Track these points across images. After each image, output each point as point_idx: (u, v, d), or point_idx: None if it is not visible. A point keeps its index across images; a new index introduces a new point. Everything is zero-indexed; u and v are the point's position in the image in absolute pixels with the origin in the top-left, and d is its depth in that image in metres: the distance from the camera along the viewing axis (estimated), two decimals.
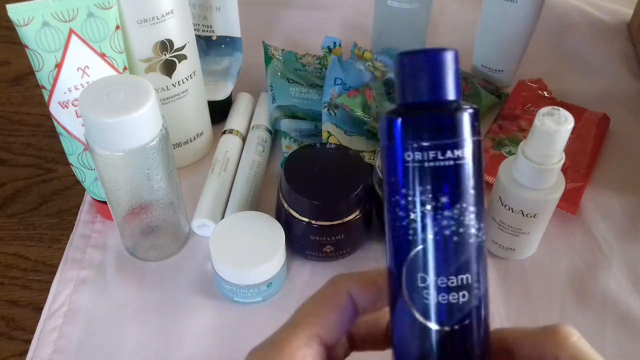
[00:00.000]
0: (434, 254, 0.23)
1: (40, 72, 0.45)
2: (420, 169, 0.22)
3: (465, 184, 0.22)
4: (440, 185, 0.22)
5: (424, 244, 0.23)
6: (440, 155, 0.22)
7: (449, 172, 0.22)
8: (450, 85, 0.23)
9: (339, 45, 0.67)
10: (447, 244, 0.23)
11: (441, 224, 0.22)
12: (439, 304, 0.23)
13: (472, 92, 0.65)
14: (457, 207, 0.22)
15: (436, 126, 0.22)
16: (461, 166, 0.22)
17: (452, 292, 0.23)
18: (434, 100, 0.22)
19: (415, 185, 0.22)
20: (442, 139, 0.22)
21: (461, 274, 0.23)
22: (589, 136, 0.60)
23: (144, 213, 0.48)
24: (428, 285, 0.23)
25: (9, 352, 0.49)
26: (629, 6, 0.79)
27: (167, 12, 0.49)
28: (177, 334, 0.47)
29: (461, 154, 0.22)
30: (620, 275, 0.51)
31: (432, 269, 0.23)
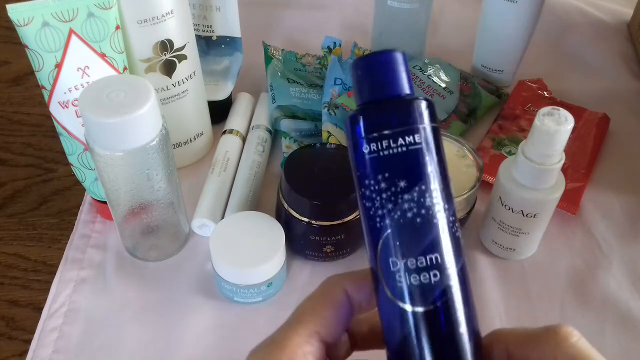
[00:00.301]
0: (399, 237, 0.24)
1: (40, 72, 0.45)
2: (377, 159, 0.24)
3: (422, 167, 0.24)
4: (396, 171, 0.23)
5: (390, 229, 0.24)
6: (393, 142, 0.23)
7: (403, 157, 0.24)
8: (401, 80, 0.25)
9: (339, 45, 0.67)
10: (411, 226, 0.23)
11: (403, 207, 0.23)
12: (412, 285, 0.24)
13: (472, 92, 0.65)
14: (416, 189, 0.23)
15: (387, 116, 0.24)
16: (415, 151, 0.24)
17: (423, 273, 0.23)
18: (386, 95, 0.24)
19: (377, 174, 0.24)
20: (393, 127, 0.24)
21: (430, 254, 0.23)
22: (589, 136, 0.60)
23: (144, 213, 0.48)
24: (399, 269, 0.24)
25: (9, 352, 0.49)
26: (629, 6, 0.79)
27: (167, 12, 0.49)
28: (177, 334, 0.47)
29: (413, 139, 0.24)
30: (620, 275, 0.51)
31: (401, 251, 0.24)
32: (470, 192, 0.47)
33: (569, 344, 0.24)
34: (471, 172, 0.49)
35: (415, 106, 0.24)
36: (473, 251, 0.52)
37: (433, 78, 0.64)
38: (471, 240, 0.53)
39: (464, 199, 0.47)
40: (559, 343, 0.24)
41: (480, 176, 0.48)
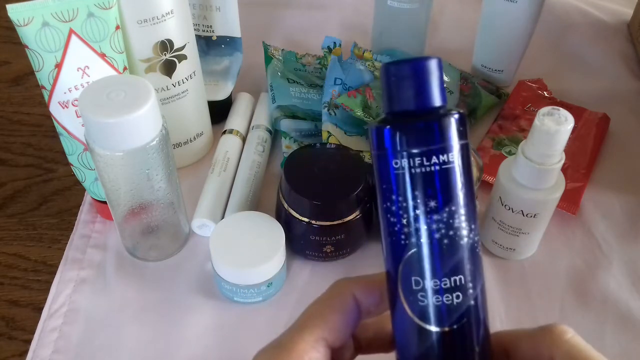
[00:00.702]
0: (426, 257, 0.23)
1: (40, 72, 0.45)
2: (409, 175, 0.23)
3: (453, 187, 0.23)
4: (429, 190, 0.23)
5: (416, 248, 0.23)
6: (427, 161, 0.23)
7: (436, 176, 0.23)
8: (435, 92, 0.23)
9: (339, 45, 0.67)
10: (438, 247, 0.23)
11: (432, 227, 0.23)
12: (434, 305, 0.23)
13: (472, 92, 0.65)
14: (447, 210, 0.23)
15: (422, 133, 0.23)
16: (448, 170, 0.23)
17: (447, 294, 0.23)
18: (420, 108, 0.23)
19: (406, 191, 0.23)
20: (428, 145, 0.23)
21: (454, 276, 0.23)
22: (589, 136, 0.60)
23: (144, 213, 0.48)
24: (423, 288, 0.23)
25: (8, 352, 0.49)
26: (629, 6, 0.79)
27: (167, 12, 0.49)
28: (177, 334, 0.47)
29: (447, 158, 0.23)
30: (620, 275, 0.51)
31: (426, 271, 0.23)
32: None
33: (564, 340, 0.24)
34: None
35: (452, 122, 0.23)
36: None
37: None
38: None
39: None
40: (555, 340, 0.24)
41: (480, 176, 0.48)
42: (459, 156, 0.23)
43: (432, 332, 0.23)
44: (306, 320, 0.26)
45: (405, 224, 0.23)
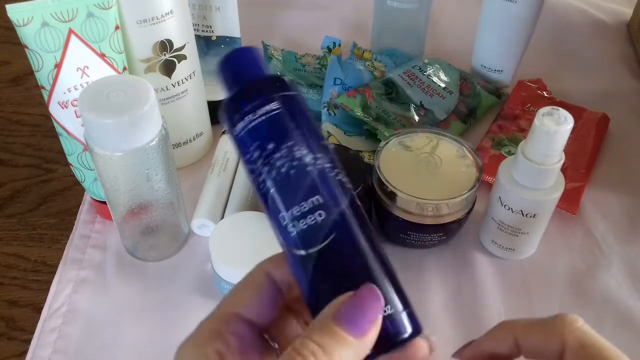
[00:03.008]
0: (280, 192, 0.26)
1: (39, 72, 0.45)
2: (246, 133, 0.27)
3: (284, 128, 0.26)
4: (263, 137, 0.26)
5: (272, 188, 0.26)
6: (253, 116, 0.26)
7: (265, 124, 0.26)
8: (249, 68, 0.28)
9: (338, 45, 0.67)
10: (287, 180, 0.26)
11: (275, 166, 0.26)
12: (302, 230, 0.25)
13: (471, 92, 0.65)
14: (284, 147, 0.26)
15: (242, 98, 0.27)
16: (275, 116, 0.26)
17: (309, 216, 0.25)
18: (241, 83, 0.28)
19: (249, 147, 0.26)
20: (249, 103, 0.27)
21: (311, 197, 0.25)
22: (588, 136, 0.60)
23: (144, 213, 0.48)
24: (288, 220, 0.25)
25: (8, 353, 0.49)
26: (628, 6, 0.79)
27: (167, 12, 0.49)
28: (177, 334, 0.46)
29: (269, 108, 0.26)
30: (620, 275, 0.51)
31: (284, 204, 0.26)
32: (470, 192, 0.47)
33: (575, 327, 0.25)
34: (471, 172, 0.49)
35: (265, 81, 0.27)
36: (473, 251, 0.52)
37: (433, 78, 0.64)
38: (471, 240, 0.53)
39: (463, 199, 0.47)
40: (567, 327, 0.25)
41: (479, 176, 0.48)
42: (283, 104, 0.26)
43: (310, 255, 0.25)
44: (221, 301, 0.28)
45: (258, 173, 0.26)
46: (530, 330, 0.26)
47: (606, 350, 0.24)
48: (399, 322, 0.24)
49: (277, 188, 0.26)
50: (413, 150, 0.50)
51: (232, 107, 0.27)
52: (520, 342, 0.26)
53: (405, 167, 0.49)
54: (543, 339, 0.25)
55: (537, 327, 0.26)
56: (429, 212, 0.47)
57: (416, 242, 0.50)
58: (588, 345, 0.24)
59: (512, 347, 0.27)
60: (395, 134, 0.51)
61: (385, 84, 0.62)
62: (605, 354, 0.24)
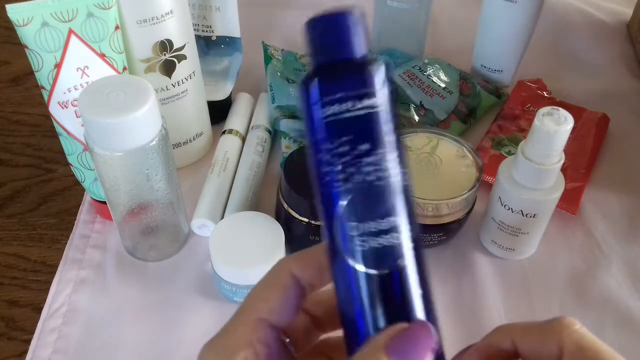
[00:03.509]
0: (360, 201, 0.23)
1: (39, 72, 0.45)
2: (337, 122, 0.23)
3: (382, 131, 0.23)
4: (358, 134, 0.23)
5: (352, 192, 0.23)
6: (355, 105, 0.23)
7: (366, 120, 0.23)
8: (358, 42, 0.23)
9: None
10: (372, 189, 0.23)
11: (364, 170, 0.23)
12: (373, 248, 0.23)
13: (471, 92, 0.65)
14: (378, 152, 0.23)
15: (347, 79, 0.23)
16: (376, 114, 0.23)
17: (385, 235, 0.23)
18: (344, 58, 0.23)
19: (336, 138, 0.23)
20: (355, 89, 0.23)
21: (390, 216, 0.23)
22: (588, 136, 0.60)
23: (144, 213, 0.48)
24: (360, 232, 0.23)
25: (8, 353, 0.49)
26: (628, 6, 0.79)
27: (167, 12, 0.49)
28: (177, 334, 0.47)
29: (375, 102, 0.23)
30: (620, 275, 0.51)
31: (362, 215, 0.23)
32: (470, 192, 0.47)
33: (573, 330, 0.25)
34: (471, 172, 0.49)
35: (376, 68, 0.23)
36: (473, 251, 0.52)
37: (432, 78, 0.64)
38: (471, 240, 0.53)
39: (463, 199, 0.47)
40: (564, 330, 0.25)
41: (479, 176, 0.48)
42: (385, 102, 0.23)
43: (374, 275, 0.23)
44: (246, 304, 0.26)
45: (339, 170, 0.23)
46: (528, 334, 0.26)
47: (604, 352, 0.24)
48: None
49: (358, 194, 0.23)
50: (413, 150, 0.50)
51: (333, 82, 0.23)
52: (518, 345, 0.26)
53: None
54: (541, 342, 0.25)
55: (534, 330, 0.26)
56: (429, 212, 0.47)
57: None
58: (585, 348, 0.24)
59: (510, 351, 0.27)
60: None
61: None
62: (603, 356, 0.24)
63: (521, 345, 0.26)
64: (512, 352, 0.27)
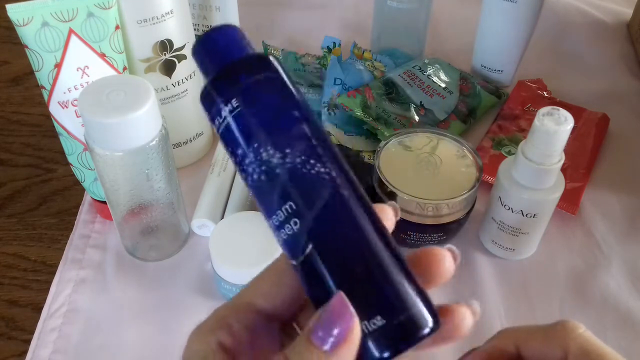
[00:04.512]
0: (259, 199, 0.24)
1: (39, 72, 0.45)
2: (221, 135, 0.24)
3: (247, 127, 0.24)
4: (231, 140, 0.24)
5: (254, 194, 0.24)
6: (219, 119, 0.24)
7: (229, 126, 0.24)
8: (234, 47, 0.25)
9: (338, 45, 0.67)
10: (260, 185, 0.23)
11: (248, 171, 0.24)
12: (284, 240, 0.23)
13: (471, 92, 0.65)
14: (250, 150, 0.23)
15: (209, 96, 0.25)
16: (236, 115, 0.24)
17: (286, 225, 0.23)
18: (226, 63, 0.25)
19: (228, 149, 0.24)
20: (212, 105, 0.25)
21: (284, 205, 0.23)
22: (588, 136, 0.60)
23: (144, 213, 0.48)
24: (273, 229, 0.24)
25: (8, 352, 0.49)
26: (628, 6, 0.79)
27: (167, 12, 0.49)
28: (177, 334, 0.47)
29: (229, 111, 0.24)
30: (620, 275, 0.51)
31: (266, 212, 0.24)
32: (470, 192, 0.47)
33: (577, 334, 0.25)
34: (471, 172, 0.49)
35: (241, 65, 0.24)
36: (473, 251, 0.52)
37: (433, 78, 0.64)
38: (471, 240, 0.53)
39: (463, 199, 0.47)
40: (569, 334, 0.25)
41: (479, 176, 0.48)
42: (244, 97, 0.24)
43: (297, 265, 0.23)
44: (241, 290, 0.26)
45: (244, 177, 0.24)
46: (532, 338, 0.26)
47: (608, 356, 0.24)
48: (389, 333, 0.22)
49: (256, 195, 0.24)
50: (413, 150, 0.50)
51: (205, 104, 0.26)
52: (522, 349, 0.26)
53: (405, 167, 0.49)
54: (545, 346, 0.25)
55: (538, 334, 0.26)
56: (429, 212, 0.47)
57: (416, 242, 0.50)
58: (590, 352, 0.24)
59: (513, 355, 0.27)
60: (395, 134, 0.51)
61: (385, 84, 0.62)
62: (607, 359, 0.24)
63: (525, 349, 0.26)
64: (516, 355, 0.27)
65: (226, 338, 0.24)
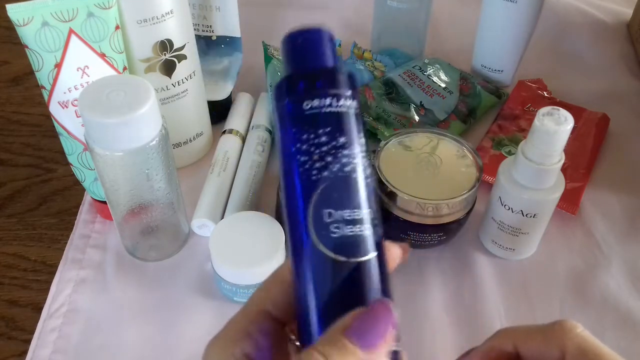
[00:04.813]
0: (338, 187, 0.24)
1: (40, 72, 0.45)
2: (323, 114, 0.25)
3: (357, 129, 0.25)
4: (338, 127, 0.25)
5: (329, 181, 0.24)
6: (335, 102, 0.25)
7: (345, 116, 0.25)
8: (330, 54, 0.26)
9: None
10: (349, 179, 0.24)
11: (342, 161, 0.24)
12: (347, 236, 0.24)
13: (471, 92, 0.65)
14: (354, 146, 0.25)
15: (329, 78, 0.25)
16: (352, 115, 0.25)
17: (358, 225, 0.24)
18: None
19: (317, 128, 0.24)
20: (336, 87, 0.25)
21: (366, 209, 0.24)
22: (588, 136, 0.60)
23: (144, 213, 0.48)
24: (336, 219, 0.24)
25: (8, 352, 0.49)
26: (629, 6, 0.79)
27: (167, 12, 0.49)
28: (177, 334, 0.47)
29: (351, 104, 0.25)
30: (620, 275, 0.51)
31: (339, 201, 0.24)
32: (470, 192, 0.47)
33: (575, 334, 0.25)
34: (471, 172, 0.49)
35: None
36: (473, 251, 0.52)
37: (433, 78, 0.64)
38: (471, 240, 0.53)
39: (463, 199, 0.47)
40: (566, 333, 0.25)
41: (480, 176, 0.48)
42: (356, 105, 0.25)
43: (343, 263, 0.24)
44: (250, 298, 0.27)
45: (317, 159, 0.24)
46: (530, 337, 0.26)
47: (605, 356, 0.24)
48: None
49: (335, 182, 0.24)
50: (413, 150, 0.50)
51: (316, 81, 0.25)
52: (520, 348, 0.26)
53: (405, 167, 0.49)
54: (543, 345, 0.26)
55: (536, 334, 0.26)
56: (429, 212, 0.47)
57: (416, 242, 0.50)
58: (587, 351, 0.25)
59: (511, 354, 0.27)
60: (395, 134, 0.51)
61: (385, 83, 0.62)
62: (604, 359, 0.24)
63: (523, 349, 0.26)
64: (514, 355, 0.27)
65: (250, 348, 0.24)
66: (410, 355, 0.47)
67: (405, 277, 0.50)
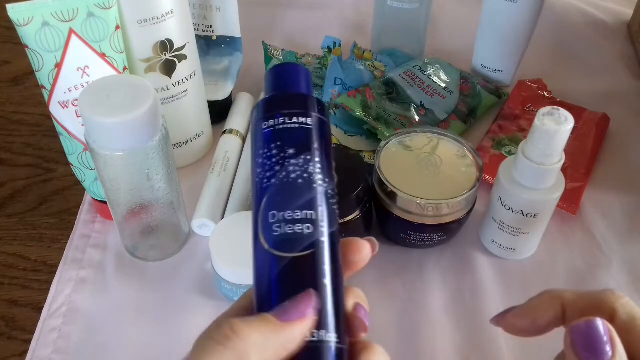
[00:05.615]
0: (281, 193, 0.27)
1: (40, 72, 0.45)
2: (272, 131, 0.28)
3: (308, 142, 0.28)
4: (287, 141, 0.28)
5: (275, 186, 0.27)
6: (287, 120, 0.28)
7: (293, 131, 0.28)
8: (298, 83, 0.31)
9: (339, 45, 0.67)
10: (292, 185, 0.27)
11: (288, 169, 0.27)
12: (286, 234, 0.26)
13: (472, 92, 0.65)
14: (302, 157, 0.28)
15: (283, 101, 0.29)
16: (305, 129, 0.28)
17: (297, 224, 0.26)
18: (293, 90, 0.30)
19: (271, 144, 0.28)
20: (287, 109, 0.29)
21: (305, 210, 0.27)
22: (589, 136, 0.60)
23: (144, 213, 0.48)
24: (277, 219, 0.26)
25: (8, 352, 0.49)
26: (629, 6, 0.79)
27: (167, 12, 0.49)
28: (177, 334, 0.47)
29: (304, 121, 0.28)
30: (620, 275, 0.51)
31: (281, 205, 0.27)
32: (470, 192, 0.47)
33: (626, 300, 0.27)
34: (471, 172, 0.49)
35: (309, 100, 0.29)
36: (473, 251, 0.52)
37: (433, 78, 0.64)
38: (471, 240, 0.53)
39: (464, 199, 0.47)
40: (617, 299, 0.27)
41: (480, 176, 0.48)
42: (314, 122, 0.29)
43: (281, 258, 0.26)
44: (244, 294, 0.28)
45: (268, 169, 0.28)
46: (581, 300, 0.28)
47: None
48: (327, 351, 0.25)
49: (280, 188, 0.27)
50: (413, 150, 0.50)
51: (272, 105, 0.29)
52: (569, 311, 0.28)
53: (405, 167, 0.49)
54: (594, 309, 0.27)
55: (587, 297, 0.28)
56: (429, 212, 0.47)
57: (416, 242, 0.50)
58: (636, 318, 0.27)
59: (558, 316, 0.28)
60: (395, 134, 0.51)
61: (385, 83, 0.62)
62: None
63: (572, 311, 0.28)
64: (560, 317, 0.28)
65: None
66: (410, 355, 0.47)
67: (405, 277, 0.50)
